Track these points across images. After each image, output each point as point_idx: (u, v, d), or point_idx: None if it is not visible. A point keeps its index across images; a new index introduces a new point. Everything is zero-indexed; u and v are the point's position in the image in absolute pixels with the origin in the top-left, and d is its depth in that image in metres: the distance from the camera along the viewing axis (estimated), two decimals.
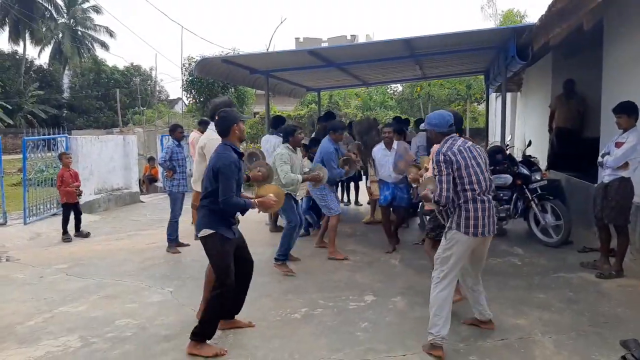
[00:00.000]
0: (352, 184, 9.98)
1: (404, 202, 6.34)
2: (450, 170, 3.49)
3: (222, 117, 3.75)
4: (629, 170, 4.89)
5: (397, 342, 3.74)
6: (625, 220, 4.99)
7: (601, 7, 4.62)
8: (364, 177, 9.78)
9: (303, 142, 6.26)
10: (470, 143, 3.68)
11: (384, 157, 6.30)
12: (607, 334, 3.74)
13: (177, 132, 7.18)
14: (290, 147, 5.74)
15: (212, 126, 4.27)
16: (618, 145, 4.96)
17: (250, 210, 3.79)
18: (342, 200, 10.25)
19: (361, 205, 9.93)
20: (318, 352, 3.64)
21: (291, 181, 5.54)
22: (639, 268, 5.23)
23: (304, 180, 5.77)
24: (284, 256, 5.62)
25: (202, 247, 3.73)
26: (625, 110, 4.90)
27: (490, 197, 3.62)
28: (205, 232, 3.62)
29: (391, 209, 6.46)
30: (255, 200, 3.78)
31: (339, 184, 9.82)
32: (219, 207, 3.55)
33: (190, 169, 8.38)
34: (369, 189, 6.82)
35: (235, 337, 3.94)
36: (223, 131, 3.72)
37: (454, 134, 3.66)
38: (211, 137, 4.23)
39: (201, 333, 3.63)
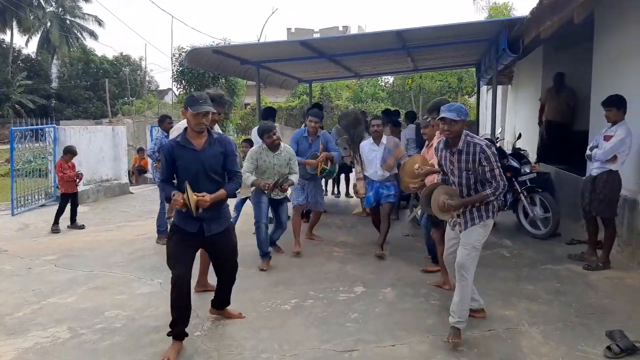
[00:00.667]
0: (342, 176, 9.97)
1: (390, 199, 5.86)
2: None
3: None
4: (617, 164, 4.94)
5: (387, 333, 3.76)
6: (613, 212, 5.04)
7: (592, 1, 4.64)
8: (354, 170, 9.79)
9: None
10: None
11: (371, 153, 5.88)
12: (594, 325, 3.79)
13: (165, 123, 7.12)
14: (265, 147, 5.48)
15: None
16: (606, 138, 5.00)
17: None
18: (332, 192, 10.27)
19: (352, 197, 9.94)
20: (308, 342, 3.66)
21: (244, 180, 5.11)
22: (626, 260, 5.30)
23: (253, 185, 5.35)
24: (259, 250, 5.52)
25: None
26: (614, 104, 4.94)
27: None
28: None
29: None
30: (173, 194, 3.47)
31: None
32: None
33: None
34: (354, 186, 6.59)
35: (224, 328, 3.94)
36: None
37: None
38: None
39: (170, 325, 3.60)
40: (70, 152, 8.13)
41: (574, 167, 7.22)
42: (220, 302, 4.05)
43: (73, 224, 8.02)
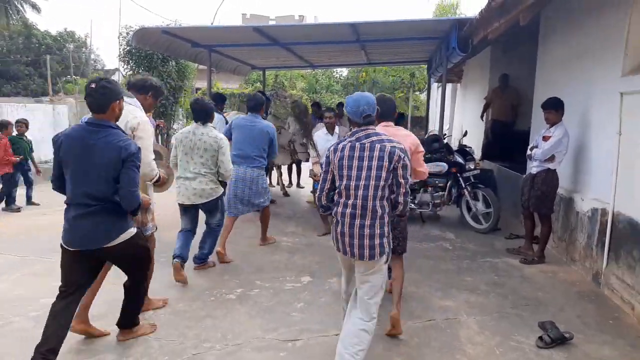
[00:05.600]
0: (294, 166, 9.96)
1: None
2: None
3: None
4: (555, 163, 5.18)
5: (331, 323, 3.79)
6: (549, 209, 5.29)
7: (538, 4, 4.81)
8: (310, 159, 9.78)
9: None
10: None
11: (327, 142, 6.14)
12: (527, 316, 3.98)
13: None
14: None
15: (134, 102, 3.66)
16: (545, 138, 5.23)
17: None
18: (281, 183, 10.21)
19: (303, 187, 9.95)
20: (252, 332, 3.64)
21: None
22: (560, 255, 5.58)
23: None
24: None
25: None
26: (553, 106, 5.17)
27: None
28: (132, 231, 3.15)
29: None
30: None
31: (280, 166, 9.77)
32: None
33: None
34: (311, 171, 6.78)
35: (166, 317, 3.86)
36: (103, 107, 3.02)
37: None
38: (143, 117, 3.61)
39: (135, 321, 3.56)
40: (3, 125, 7.76)
41: (516, 165, 7.53)
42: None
43: (8, 206, 7.63)
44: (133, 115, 3.49)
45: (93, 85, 2.98)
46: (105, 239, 3.03)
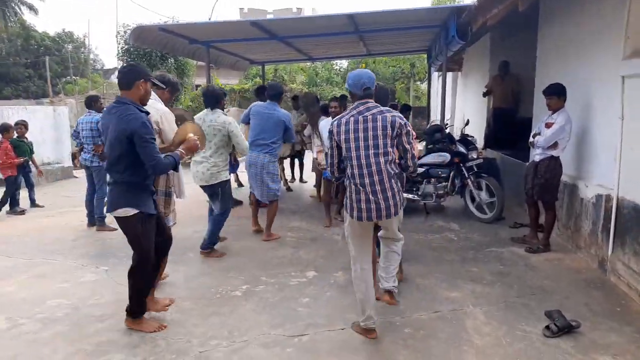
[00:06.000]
0: (296, 161, 9.95)
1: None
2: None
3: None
4: (558, 150, 5.14)
5: (337, 317, 3.80)
6: (553, 197, 5.26)
7: None
8: (310, 153, 9.77)
9: None
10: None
11: None
12: (534, 305, 3.96)
13: (98, 104, 6.76)
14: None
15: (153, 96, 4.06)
16: (548, 125, 5.19)
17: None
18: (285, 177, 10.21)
19: (306, 182, 9.94)
20: (258, 328, 3.64)
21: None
22: (565, 242, 5.56)
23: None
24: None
25: None
26: (555, 92, 5.12)
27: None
28: (128, 211, 3.35)
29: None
30: (182, 148, 3.54)
31: (283, 160, 9.76)
32: (138, 179, 3.35)
33: None
34: (315, 159, 6.83)
35: (173, 315, 3.86)
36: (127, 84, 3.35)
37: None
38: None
39: (135, 310, 3.59)
40: (4, 129, 7.75)
41: (519, 153, 7.48)
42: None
43: (12, 209, 7.65)
44: (155, 108, 3.84)
45: (124, 65, 3.42)
46: (111, 208, 3.39)
